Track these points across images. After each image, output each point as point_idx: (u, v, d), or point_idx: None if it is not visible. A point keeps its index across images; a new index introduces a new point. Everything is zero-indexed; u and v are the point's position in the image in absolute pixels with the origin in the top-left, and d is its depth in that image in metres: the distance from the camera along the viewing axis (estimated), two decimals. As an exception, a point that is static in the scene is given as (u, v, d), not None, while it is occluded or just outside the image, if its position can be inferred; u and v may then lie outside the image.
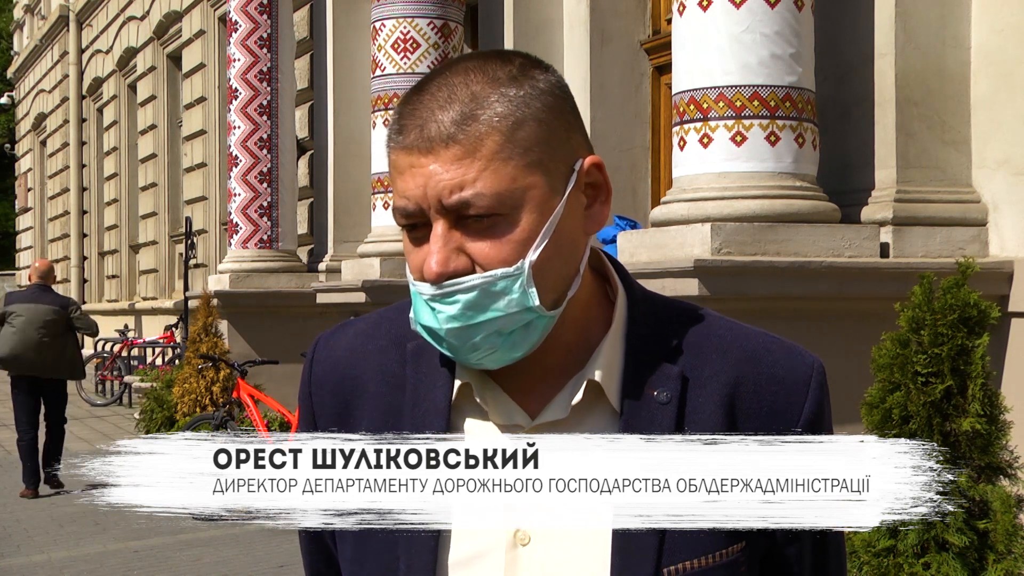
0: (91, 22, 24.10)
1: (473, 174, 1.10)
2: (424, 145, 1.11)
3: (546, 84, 1.16)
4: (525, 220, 1.12)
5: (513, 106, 1.12)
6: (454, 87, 1.13)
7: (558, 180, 1.15)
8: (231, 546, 7.56)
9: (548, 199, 1.13)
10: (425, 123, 1.12)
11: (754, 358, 1.22)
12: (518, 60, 1.17)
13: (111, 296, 22.79)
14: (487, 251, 1.11)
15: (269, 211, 11.41)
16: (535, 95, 1.14)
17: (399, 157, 1.13)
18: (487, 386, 1.21)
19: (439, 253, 1.11)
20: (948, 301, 3.52)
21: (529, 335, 1.14)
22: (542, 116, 1.14)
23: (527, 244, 1.12)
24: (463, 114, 1.11)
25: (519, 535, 1.17)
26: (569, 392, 1.19)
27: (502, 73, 1.14)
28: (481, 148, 1.10)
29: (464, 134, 1.10)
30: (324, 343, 1.32)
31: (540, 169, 1.13)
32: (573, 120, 1.18)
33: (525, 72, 1.16)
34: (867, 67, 5.83)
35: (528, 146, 1.12)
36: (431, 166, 1.11)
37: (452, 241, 1.11)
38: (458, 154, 1.10)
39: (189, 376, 9.92)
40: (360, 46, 11.06)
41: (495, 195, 1.10)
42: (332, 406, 1.27)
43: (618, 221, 6.63)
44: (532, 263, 1.12)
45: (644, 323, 1.22)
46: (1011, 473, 3.50)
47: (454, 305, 1.12)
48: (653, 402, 1.18)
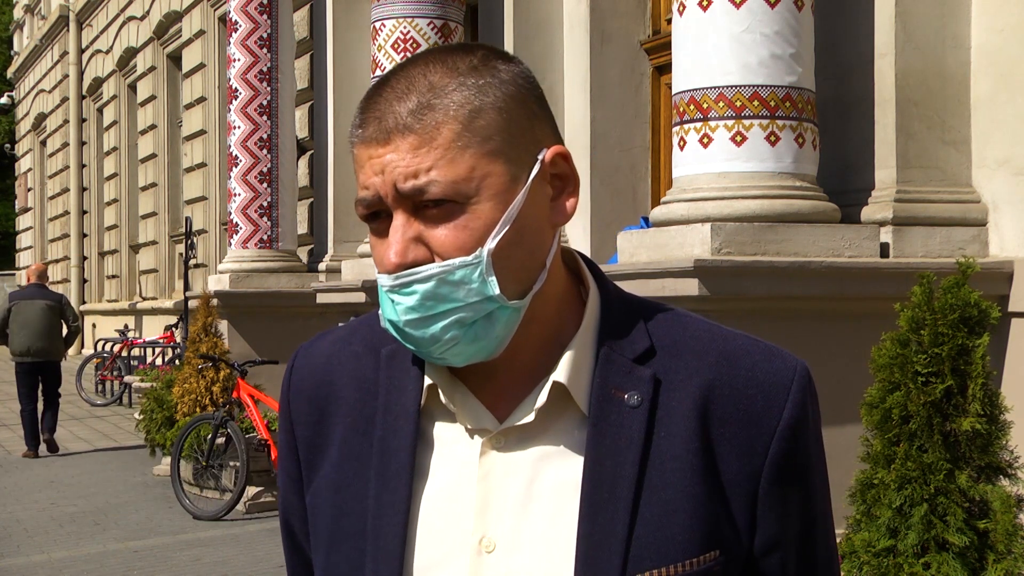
0: (91, 22, 24.10)
1: (429, 162, 1.09)
2: (382, 136, 1.11)
3: (508, 74, 1.14)
4: (484, 208, 1.10)
5: (471, 94, 1.11)
6: (412, 78, 1.12)
7: (520, 169, 1.12)
8: (231, 546, 7.56)
9: (509, 188, 1.11)
10: (383, 115, 1.11)
11: (731, 360, 1.17)
12: (480, 51, 1.15)
13: (111, 296, 22.78)
14: (444, 239, 1.10)
15: (269, 211, 11.41)
16: (495, 84, 1.12)
17: (360, 151, 1.13)
18: (456, 388, 1.19)
19: (397, 244, 1.10)
20: (948, 301, 3.52)
21: (491, 327, 1.12)
22: (502, 104, 1.12)
23: (486, 232, 1.10)
24: (420, 104, 1.10)
25: (484, 542, 1.15)
26: (536, 395, 1.16)
27: (462, 64, 1.13)
28: (437, 137, 1.09)
29: (420, 123, 1.09)
30: (303, 352, 1.31)
31: (501, 157, 1.11)
32: (538, 110, 1.16)
33: (486, 62, 1.14)
34: (867, 67, 5.83)
35: (487, 135, 1.10)
36: (388, 156, 1.10)
37: (410, 231, 1.10)
38: (414, 143, 1.09)
39: (189, 376, 9.92)
40: (360, 46, 11.05)
41: (451, 183, 1.09)
42: (308, 413, 1.26)
43: (643, 223, 6.58)
44: (491, 251, 1.10)
45: (616, 324, 1.19)
46: (1011, 473, 3.50)
47: (412, 296, 1.10)
48: (623, 405, 1.15)
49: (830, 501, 1.24)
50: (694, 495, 1.13)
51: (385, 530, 1.17)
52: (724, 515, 1.14)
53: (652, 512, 1.12)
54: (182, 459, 9.09)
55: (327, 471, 1.23)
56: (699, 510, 1.13)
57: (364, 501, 1.19)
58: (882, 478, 3.48)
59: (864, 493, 3.54)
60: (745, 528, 1.16)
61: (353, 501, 1.20)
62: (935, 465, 3.41)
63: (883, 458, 3.51)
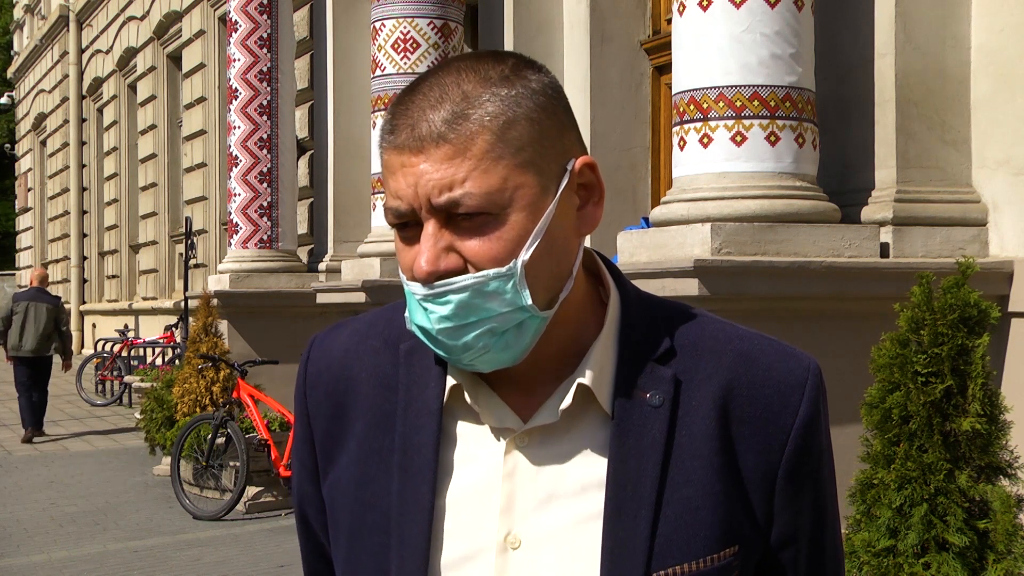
0: (91, 22, 24.10)
1: (463, 173, 1.09)
2: (415, 144, 1.11)
3: (539, 84, 1.15)
4: (516, 219, 1.11)
5: (504, 105, 1.11)
6: (446, 87, 1.12)
7: (550, 180, 1.14)
8: (231, 546, 7.56)
9: (540, 198, 1.12)
10: (416, 123, 1.11)
11: (748, 360, 1.20)
12: (511, 60, 1.16)
13: (111, 296, 22.78)
14: (478, 250, 1.11)
15: (269, 211, 11.41)
16: (527, 95, 1.13)
17: (391, 157, 1.13)
18: (479, 388, 1.20)
19: (429, 252, 1.11)
20: (948, 301, 3.52)
21: (522, 336, 1.14)
22: (534, 115, 1.13)
23: (519, 243, 1.11)
24: (454, 113, 1.10)
25: (510, 538, 1.17)
26: (560, 396, 1.18)
27: (494, 73, 1.13)
28: (472, 147, 1.10)
29: (455, 133, 1.10)
30: (319, 343, 1.32)
31: (532, 168, 1.12)
32: (566, 120, 1.17)
33: (518, 72, 1.15)
34: (867, 67, 5.83)
35: (520, 145, 1.11)
36: (421, 165, 1.10)
37: (442, 240, 1.11)
38: (448, 153, 1.09)
39: (189, 376, 9.92)
40: (360, 46, 11.05)
41: (485, 194, 1.10)
42: (326, 407, 1.28)
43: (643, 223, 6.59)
44: (525, 263, 1.11)
45: (637, 325, 1.21)
46: (1011, 473, 3.50)
47: (446, 305, 1.11)
48: (645, 405, 1.17)
49: (836, 494, 1.28)
50: (715, 492, 1.16)
51: (410, 526, 1.18)
52: (743, 511, 1.18)
53: (675, 510, 1.15)
54: (182, 459, 9.09)
55: (346, 465, 1.24)
56: (719, 507, 1.16)
57: (387, 497, 1.20)
58: (882, 478, 3.48)
59: (864, 493, 3.54)
60: (763, 523, 1.19)
61: (376, 496, 1.21)
62: (935, 465, 3.41)
63: (883, 458, 3.51)
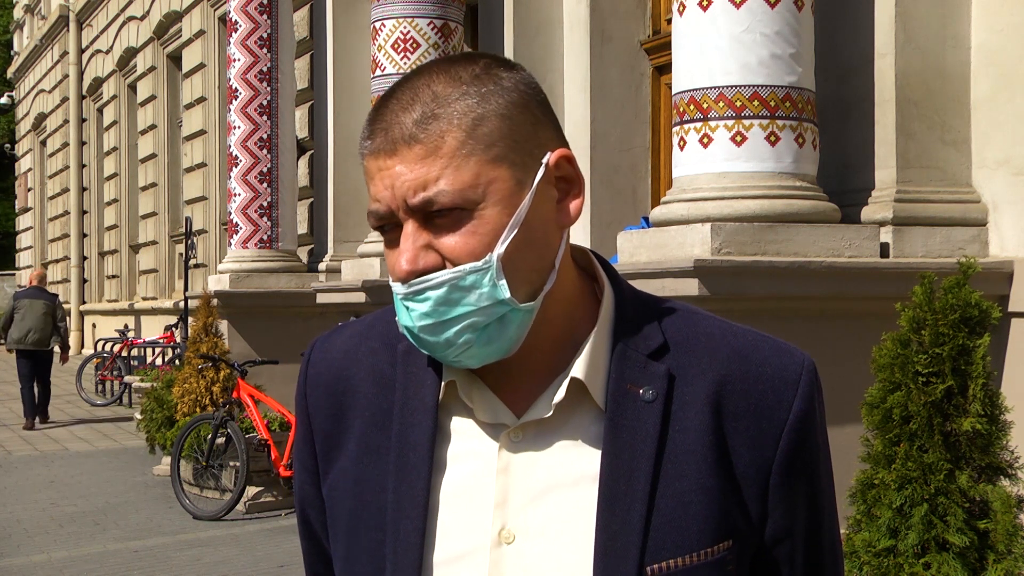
0: (91, 22, 24.10)
1: (436, 172, 1.12)
2: (389, 147, 1.14)
3: (511, 82, 1.17)
4: (491, 214, 1.13)
5: (474, 102, 1.14)
6: (417, 89, 1.15)
7: (525, 174, 1.15)
8: (231, 546, 7.56)
9: (515, 192, 1.14)
10: (389, 126, 1.14)
11: (742, 356, 1.21)
12: (483, 60, 1.18)
13: (111, 296, 22.78)
14: (455, 246, 1.13)
15: (269, 211, 11.41)
16: (498, 91, 1.15)
17: (369, 163, 1.16)
18: (474, 384, 1.22)
19: (408, 252, 1.13)
20: (949, 301, 3.52)
21: (504, 329, 1.15)
22: (504, 111, 1.15)
23: (494, 237, 1.13)
24: (424, 114, 1.13)
25: (504, 533, 1.18)
26: (553, 390, 1.19)
27: (465, 73, 1.16)
28: (442, 146, 1.12)
29: (425, 133, 1.12)
30: (320, 345, 1.34)
31: (505, 163, 1.14)
32: (541, 115, 1.18)
33: (489, 71, 1.17)
34: (867, 67, 5.82)
35: (490, 141, 1.13)
36: (396, 167, 1.13)
37: (421, 239, 1.13)
38: (420, 153, 1.12)
39: (189, 376, 9.92)
40: (360, 46, 11.05)
41: (458, 191, 1.12)
42: (326, 407, 1.29)
43: (644, 223, 6.59)
44: (500, 256, 1.13)
45: (631, 320, 1.22)
46: (1011, 473, 3.50)
47: (425, 303, 1.13)
48: (639, 400, 1.18)
49: (834, 492, 1.28)
50: (708, 487, 1.17)
51: (404, 522, 1.19)
52: (737, 506, 1.18)
53: (668, 504, 1.16)
54: (182, 459, 9.09)
55: (345, 464, 1.26)
56: (713, 502, 1.17)
57: (383, 494, 1.22)
58: (882, 478, 3.48)
59: (864, 493, 3.54)
60: (757, 518, 1.20)
61: (372, 494, 1.23)
62: (935, 465, 3.40)
63: (883, 458, 3.51)
